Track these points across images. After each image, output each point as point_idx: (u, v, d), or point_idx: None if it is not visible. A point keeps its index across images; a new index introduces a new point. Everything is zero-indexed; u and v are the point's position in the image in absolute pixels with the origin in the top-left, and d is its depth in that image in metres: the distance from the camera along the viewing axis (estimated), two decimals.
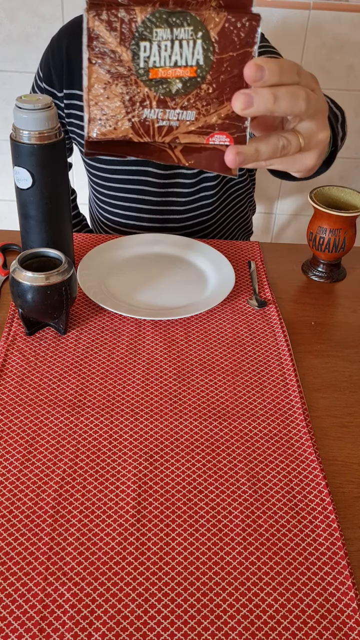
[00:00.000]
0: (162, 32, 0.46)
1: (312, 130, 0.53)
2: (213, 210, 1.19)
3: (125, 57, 0.47)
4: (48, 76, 1.11)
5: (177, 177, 1.13)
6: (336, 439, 0.74)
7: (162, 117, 0.49)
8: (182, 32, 0.46)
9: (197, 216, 1.19)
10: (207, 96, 0.48)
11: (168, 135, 0.49)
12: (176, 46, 0.46)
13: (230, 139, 0.50)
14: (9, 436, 0.71)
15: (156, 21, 0.46)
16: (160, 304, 0.92)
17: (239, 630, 0.54)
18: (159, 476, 0.67)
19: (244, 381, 0.80)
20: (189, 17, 0.46)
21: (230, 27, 0.46)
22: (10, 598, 0.56)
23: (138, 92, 0.48)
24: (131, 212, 1.18)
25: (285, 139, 0.52)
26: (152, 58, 0.47)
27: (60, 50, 1.09)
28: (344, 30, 1.63)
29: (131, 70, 0.47)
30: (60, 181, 0.87)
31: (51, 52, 1.11)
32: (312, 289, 1.01)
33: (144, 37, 0.46)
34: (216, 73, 0.47)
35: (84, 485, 0.66)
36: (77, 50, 1.07)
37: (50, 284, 0.80)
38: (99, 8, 0.46)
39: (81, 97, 1.10)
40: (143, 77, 0.48)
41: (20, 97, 0.83)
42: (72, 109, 1.12)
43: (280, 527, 0.63)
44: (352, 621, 0.55)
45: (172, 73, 0.47)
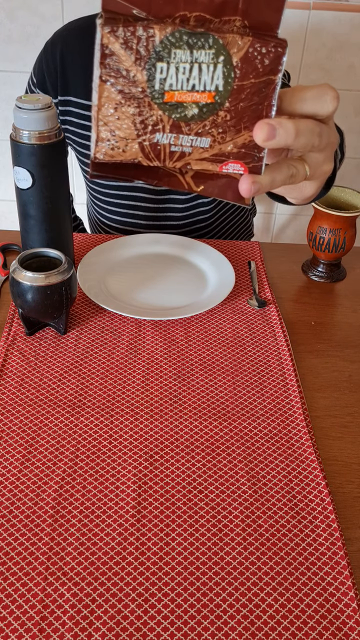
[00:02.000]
0: (181, 54, 0.43)
1: (319, 161, 0.53)
2: (211, 214, 1.19)
3: (139, 77, 0.44)
4: (42, 82, 1.10)
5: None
6: (336, 439, 0.74)
7: (175, 143, 0.46)
8: (203, 54, 0.43)
9: (195, 222, 1.19)
10: (224, 123, 0.46)
11: (180, 160, 0.47)
12: (195, 69, 0.44)
13: (245, 168, 0.48)
14: (9, 436, 0.71)
15: (175, 42, 0.43)
16: (160, 304, 0.92)
17: (239, 630, 0.54)
18: (159, 476, 0.67)
19: (244, 381, 0.80)
20: (211, 39, 0.43)
21: (254, 53, 0.44)
22: (10, 598, 0.56)
23: (151, 115, 0.45)
24: (128, 219, 1.18)
25: (295, 167, 0.51)
26: (168, 80, 0.44)
27: (54, 56, 1.07)
28: (344, 30, 1.63)
29: (145, 92, 0.45)
30: (60, 181, 0.87)
31: (45, 58, 1.09)
32: (312, 289, 1.01)
33: (162, 57, 0.44)
34: (235, 100, 0.45)
35: (84, 485, 0.66)
36: (72, 56, 1.06)
37: (50, 284, 0.80)
38: (115, 24, 0.43)
39: (76, 103, 1.09)
40: (158, 99, 0.45)
41: (20, 97, 0.83)
42: (67, 115, 1.10)
43: (280, 527, 0.63)
44: (352, 621, 0.55)
45: (188, 97, 0.45)
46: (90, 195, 1.25)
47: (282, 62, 0.44)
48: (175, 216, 1.17)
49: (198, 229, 1.20)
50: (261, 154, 0.47)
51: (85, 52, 1.05)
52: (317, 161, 0.53)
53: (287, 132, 0.46)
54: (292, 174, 0.50)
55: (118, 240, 1.06)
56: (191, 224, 1.19)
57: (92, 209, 1.27)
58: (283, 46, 0.43)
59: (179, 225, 1.19)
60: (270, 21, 0.44)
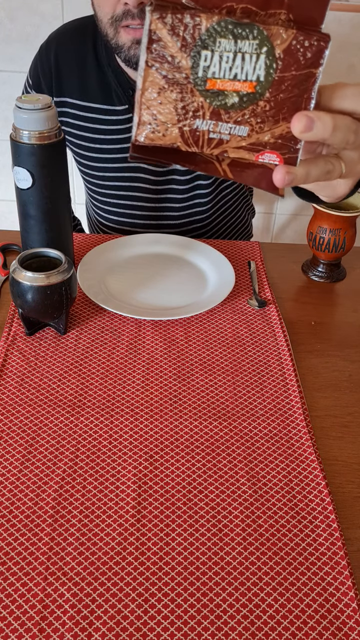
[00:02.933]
0: (225, 43, 0.44)
1: (354, 160, 0.53)
2: (208, 216, 1.19)
3: (184, 64, 0.45)
4: (37, 84, 1.10)
5: (170, 183, 1.13)
6: (336, 439, 0.74)
7: (214, 130, 0.47)
8: (247, 45, 0.44)
9: (192, 222, 1.19)
10: (263, 113, 0.46)
11: (217, 147, 0.48)
12: (238, 59, 0.45)
13: (281, 159, 0.48)
14: (9, 436, 0.71)
15: (221, 31, 0.44)
16: (160, 304, 0.92)
17: (239, 630, 0.54)
18: (159, 476, 0.67)
19: (244, 381, 0.80)
20: (255, 30, 0.44)
21: (297, 46, 0.44)
22: (10, 598, 0.56)
23: (192, 101, 0.46)
24: (125, 218, 1.18)
25: (332, 164, 0.51)
26: (211, 68, 0.45)
27: (48, 57, 1.08)
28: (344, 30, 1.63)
29: (188, 78, 0.46)
30: (60, 181, 0.87)
31: (40, 60, 1.10)
32: (312, 288, 1.01)
33: (207, 45, 0.45)
34: (276, 91, 0.45)
35: (84, 485, 0.66)
36: (66, 58, 1.06)
37: (50, 284, 0.80)
38: (164, 10, 0.44)
39: (72, 104, 1.09)
40: (200, 86, 0.46)
41: (20, 97, 0.83)
42: (63, 116, 1.11)
43: (280, 527, 0.63)
44: (352, 621, 0.55)
45: (230, 86, 0.46)
46: (88, 194, 1.25)
47: (324, 56, 0.45)
48: (173, 215, 1.18)
49: (195, 229, 1.20)
50: (297, 145, 0.47)
51: (80, 53, 1.06)
52: (352, 159, 0.53)
53: (325, 126, 0.46)
54: (329, 170, 0.50)
55: (118, 240, 1.06)
56: (188, 223, 1.19)
57: (91, 208, 1.27)
58: (326, 40, 0.44)
59: (176, 225, 1.19)
60: (314, 16, 0.44)
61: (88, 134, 1.10)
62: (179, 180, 1.13)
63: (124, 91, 1.05)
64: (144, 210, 1.16)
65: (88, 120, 1.08)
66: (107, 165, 1.12)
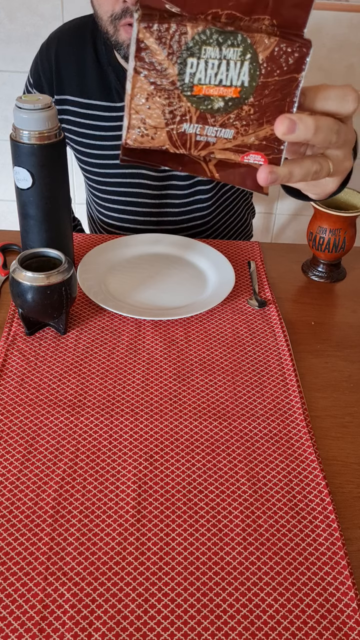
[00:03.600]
0: (210, 50, 0.46)
1: (340, 158, 0.55)
2: (209, 214, 1.19)
3: (171, 71, 0.47)
4: (38, 83, 1.11)
5: (171, 179, 1.14)
6: (336, 439, 0.74)
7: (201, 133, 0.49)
8: (231, 52, 0.46)
9: (192, 219, 1.19)
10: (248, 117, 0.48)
11: (204, 149, 0.50)
12: (223, 65, 0.46)
13: (265, 159, 0.50)
14: (9, 436, 0.71)
15: (206, 39, 0.45)
16: (160, 304, 0.92)
17: (239, 630, 0.54)
18: (159, 476, 0.67)
19: (244, 381, 0.80)
20: (239, 37, 0.45)
21: (279, 52, 0.46)
22: (10, 598, 0.56)
23: (180, 107, 0.48)
24: (127, 215, 1.18)
25: (319, 164, 0.53)
26: (197, 75, 0.47)
27: (49, 56, 1.09)
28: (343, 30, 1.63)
29: (175, 85, 0.47)
30: (60, 181, 0.87)
31: (40, 59, 1.11)
32: (312, 289, 1.01)
33: (193, 53, 0.46)
34: (259, 96, 0.47)
35: (84, 485, 0.66)
36: (66, 56, 1.07)
37: (50, 284, 0.80)
38: (151, 20, 0.45)
39: (72, 102, 1.10)
40: (187, 92, 0.47)
41: (20, 97, 0.83)
42: (64, 114, 1.11)
43: (280, 527, 0.63)
44: (352, 621, 0.55)
45: (215, 91, 0.47)
46: (89, 191, 1.25)
47: (306, 62, 0.46)
48: (174, 212, 1.18)
49: (196, 226, 1.20)
50: (281, 147, 0.49)
51: (79, 51, 1.06)
52: (338, 158, 0.55)
53: (307, 127, 0.48)
54: (316, 170, 0.52)
55: (118, 240, 1.06)
56: (190, 220, 1.19)
57: (92, 206, 1.27)
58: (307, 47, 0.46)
59: (177, 222, 1.19)
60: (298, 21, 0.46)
61: (89, 131, 1.10)
62: (180, 177, 1.13)
63: (124, 88, 1.05)
64: (145, 207, 1.17)
65: (88, 117, 1.09)
66: (108, 161, 1.13)
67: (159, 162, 0.52)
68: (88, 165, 1.16)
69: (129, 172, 1.13)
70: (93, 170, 1.16)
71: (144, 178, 1.13)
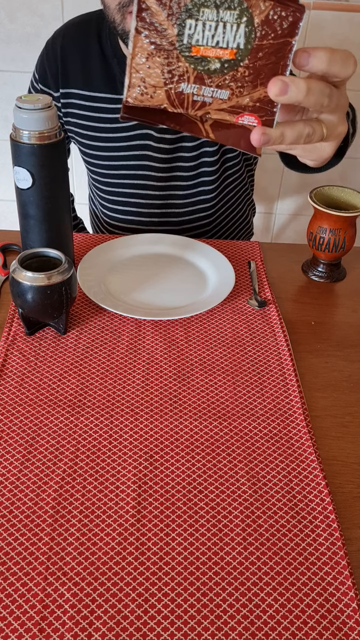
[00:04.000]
0: (208, 12, 0.48)
1: (333, 122, 0.57)
2: (212, 206, 1.19)
3: (170, 32, 0.49)
4: (43, 77, 1.13)
5: (176, 170, 1.14)
6: (336, 439, 0.74)
7: (198, 93, 0.51)
8: (228, 14, 0.48)
9: (197, 210, 1.19)
10: (242, 79, 0.50)
11: (201, 109, 0.52)
12: (220, 27, 0.48)
13: (259, 121, 0.52)
14: (9, 436, 0.71)
15: (205, 1, 0.47)
16: (160, 304, 0.92)
17: (239, 630, 0.54)
18: (159, 476, 0.67)
19: (244, 381, 0.80)
20: (236, 1, 0.47)
21: (274, 16, 0.47)
22: (10, 598, 0.56)
23: (178, 67, 0.50)
24: (131, 208, 1.19)
25: (312, 127, 0.54)
26: (195, 36, 0.49)
27: (54, 51, 1.11)
28: (344, 30, 1.63)
29: (174, 45, 0.49)
30: (60, 181, 0.87)
31: (46, 53, 1.13)
32: (312, 288, 1.01)
33: (191, 15, 0.48)
34: (254, 58, 0.49)
35: (84, 485, 0.66)
36: (71, 50, 1.09)
37: (50, 284, 0.80)
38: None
39: (77, 95, 1.11)
40: (185, 52, 0.50)
41: (20, 97, 0.83)
42: (69, 107, 1.13)
43: (280, 527, 0.63)
44: (352, 621, 0.55)
45: (212, 53, 0.49)
46: (93, 185, 1.25)
47: (299, 26, 0.48)
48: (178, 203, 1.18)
49: (200, 219, 1.21)
50: (274, 109, 0.51)
51: (84, 45, 1.09)
52: (332, 122, 0.56)
53: (299, 89, 0.50)
54: (309, 133, 0.54)
55: (118, 240, 1.06)
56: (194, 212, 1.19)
57: (95, 202, 1.27)
58: (301, 12, 0.47)
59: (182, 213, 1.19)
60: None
61: (94, 123, 1.12)
62: (185, 167, 1.14)
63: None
64: (150, 198, 1.17)
65: (93, 109, 1.11)
66: (113, 153, 1.14)
67: (158, 121, 0.54)
68: (93, 158, 1.17)
69: (133, 163, 1.13)
70: (98, 163, 1.16)
71: (149, 170, 1.14)
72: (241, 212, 1.29)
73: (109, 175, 1.17)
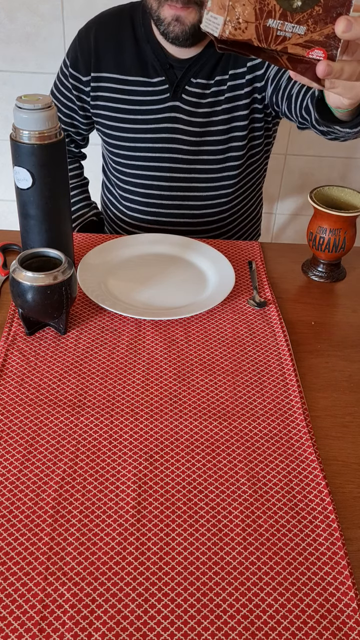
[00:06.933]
0: None
1: None
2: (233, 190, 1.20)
3: None
4: (74, 62, 1.18)
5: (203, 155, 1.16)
6: (336, 439, 0.74)
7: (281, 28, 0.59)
8: None
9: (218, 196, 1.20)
10: (317, 16, 0.58)
11: (281, 44, 0.60)
12: None
13: (325, 55, 0.60)
14: (9, 436, 0.71)
15: None
16: (160, 304, 0.92)
17: (239, 630, 0.54)
18: (159, 476, 0.67)
19: (244, 381, 0.80)
20: None
21: None
22: (10, 598, 0.56)
23: (267, 4, 0.58)
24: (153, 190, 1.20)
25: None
26: None
27: (88, 39, 1.16)
28: None
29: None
30: (60, 181, 0.87)
31: (79, 41, 1.18)
32: (312, 289, 1.01)
33: None
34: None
35: (84, 485, 0.66)
36: (105, 37, 1.15)
37: (50, 284, 0.80)
38: None
39: (109, 78, 1.14)
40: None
41: (20, 97, 0.83)
42: (99, 91, 1.16)
43: (280, 527, 0.63)
44: (352, 621, 0.55)
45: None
46: (111, 173, 1.26)
47: None
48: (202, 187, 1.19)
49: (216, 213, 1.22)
50: (338, 44, 0.60)
51: (118, 33, 1.15)
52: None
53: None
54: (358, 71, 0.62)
55: (118, 240, 1.06)
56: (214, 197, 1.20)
57: (113, 189, 1.28)
58: None
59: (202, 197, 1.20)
60: None
61: (124, 105, 1.15)
62: (213, 151, 1.16)
63: (162, 64, 1.12)
64: (174, 181, 1.19)
65: (125, 92, 1.15)
66: (141, 135, 1.16)
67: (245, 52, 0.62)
68: (119, 140, 1.19)
69: (161, 146, 1.16)
70: (124, 145, 1.18)
71: (176, 152, 1.16)
72: (252, 207, 1.31)
73: (135, 157, 1.18)
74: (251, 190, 1.27)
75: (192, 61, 1.10)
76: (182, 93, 1.12)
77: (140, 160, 1.18)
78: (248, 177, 1.23)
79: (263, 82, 1.10)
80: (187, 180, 1.19)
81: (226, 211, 1.23)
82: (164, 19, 1.02)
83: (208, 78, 1.11)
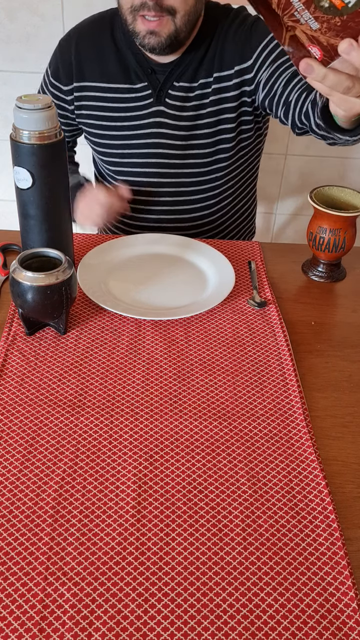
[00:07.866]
0: None
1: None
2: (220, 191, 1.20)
3: None
4: (56, 72, 1.17)
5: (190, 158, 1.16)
6: (336, 439, 0.74)
7: (300, 11, 0.61)
8: None
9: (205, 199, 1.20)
10: (334, 26, 0.60)
11: (293, 23, 0.62)
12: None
13: (321, 56, 0.62)
14: (9, 436, 0.71)
15: None
16: (160, 304, 0.92)
17: (239, 630, 0.54)
18: (159, 476, 0.67)
19: (244, 381, 0.80)
20: None
21: None
22: (10, 598, 0.56)
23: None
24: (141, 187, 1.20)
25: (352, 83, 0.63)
26: None
27: (69, 48, 1.15)
28: None
29: None
30: (60, 181, 0.87)
31: (60, 50, 1.17)
32: (312, 289, 1.01)
33: None
34: (350, 19, 0.60)
35: (84, 485, 0.66)
36: (86, 46, 1.14)
37: (50, 284, 0.80)
38: None
39: (92, 87, 1.14)
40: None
41: (20, 97, 0.83)
42: (84, 100, 1.16)
43: (280, 527, 0.63)
44: (352, 621, 0.55)
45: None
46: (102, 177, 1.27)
47: None
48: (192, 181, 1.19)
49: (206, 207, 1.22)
50: (335, 57, 0.62)
51: (99, 41, 1.14)
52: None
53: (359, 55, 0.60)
54: (348, 86, 0.64)
55: (118, 240, 1.06)
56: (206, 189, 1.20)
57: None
58: None
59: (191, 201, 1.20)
60: None
61: (110, 113, 1.15)
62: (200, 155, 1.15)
63: (144, 70, 1.12)
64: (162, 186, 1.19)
65: (108, 100, 1.15)
66: (127, 142, 1.16)
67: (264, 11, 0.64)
68: (106, 148, 1.19)
69: (148, 151, 1.15)
70: (112, 152, 1.18)
71: (163, 157, 1.16)
72: (245, 205, 1.30)
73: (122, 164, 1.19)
74: (243, 188, 1.26)
75: (174, 65, 1.09)
76: (165, 97, 1.11)
77: (128, 167, 1.18)
78: (239, 176, 1.23)
79: (253, 86, 1.09)
80: (175, 185, 1.19)
81: (216, 212, 1.23)
82: (138, 32, 1.02)
83: (191, 81, 1.10)
